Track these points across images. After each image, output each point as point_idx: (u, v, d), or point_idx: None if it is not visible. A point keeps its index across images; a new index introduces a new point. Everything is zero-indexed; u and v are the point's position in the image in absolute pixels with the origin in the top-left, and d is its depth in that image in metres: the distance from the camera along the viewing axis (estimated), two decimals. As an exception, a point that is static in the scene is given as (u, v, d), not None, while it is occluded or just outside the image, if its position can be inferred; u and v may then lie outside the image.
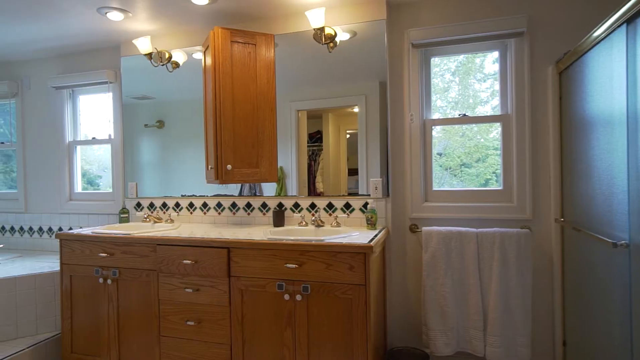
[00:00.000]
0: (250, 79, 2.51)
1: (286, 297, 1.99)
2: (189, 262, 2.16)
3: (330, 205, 2.51)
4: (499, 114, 2.38)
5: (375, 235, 2.09)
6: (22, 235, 3.51)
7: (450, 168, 2.52)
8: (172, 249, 2.21)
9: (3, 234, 3.57)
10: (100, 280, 2.39)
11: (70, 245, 2.46)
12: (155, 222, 2.78)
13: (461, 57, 2.49)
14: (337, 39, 2.47)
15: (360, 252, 1.89)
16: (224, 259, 2.10)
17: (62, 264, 2.49)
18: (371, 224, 2.30)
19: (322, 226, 2.40)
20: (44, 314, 2.69)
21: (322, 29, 2.38)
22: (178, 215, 2.89)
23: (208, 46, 2.51)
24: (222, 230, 2.42)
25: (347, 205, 2.47)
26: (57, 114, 3.34)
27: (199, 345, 2.17)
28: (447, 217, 2.38)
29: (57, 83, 3.21)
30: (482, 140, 2.47)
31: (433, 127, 2.48)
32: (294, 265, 1.97)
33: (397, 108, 2.47)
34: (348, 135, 2.50)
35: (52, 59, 3.35)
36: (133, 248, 2.31)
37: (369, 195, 2.43)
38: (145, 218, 2.81)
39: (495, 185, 2.43)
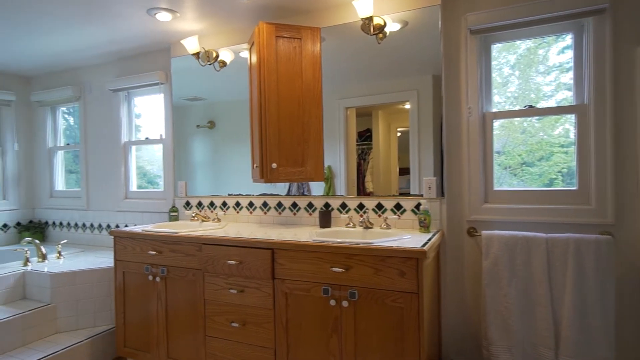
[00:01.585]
0: (295, 74, 2.43)
1: (332, 302, 1.88)
2: (233, 262, 2.11)
3: (379, 206, 2.36)
4: (572, 104, 2.10)
5: (429, 239, 1.92)
6: (84, 232, 3.71)
7: (509, 167, 2.28)
8: (217, 248, 2.18)
9: (68, 230, 3.80)
10: (150, 277, 2.42)
11: (123, 243, 2.53)
12: (202, 221, 2.80)
13: (522, 49, 2.23)
14: (387, 29, 2.32)
15: (412, 258, 1.73)
16: (268, 261, 2.03)
17: (115, 260, 2.57)
18: (424, 226, 2.13)
19: (371, 228, 2.26)
20: (102, 307, 2.80)
21: (370, 19, 2.24)
22: (225, 214, 2.89)
23: (253, 43, 2.46)
24: (267, 230, 2.37)
25: (398, 206, 2.31)
26: (114, 116, 3.48)
27: (243, 347, 2.12)
28: (511, 220, 2.14)
29: (114, 86, 3.34)
30: (545, 137, 2.21)
31: (494, 121, 2.25)
32: (340, 270, 1.85)
33: (453, 101, 2.27)
34: (399, 134, 2.34)
35: (109, 63, 3.50)
36: (180, 247, 2.31)
37: (422, 195, 2.25)
38: (193, 217, 2.83)
39: (562, 185, 2.15)
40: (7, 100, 3.78)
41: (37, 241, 3.14)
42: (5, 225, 3.78)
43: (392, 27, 2.31)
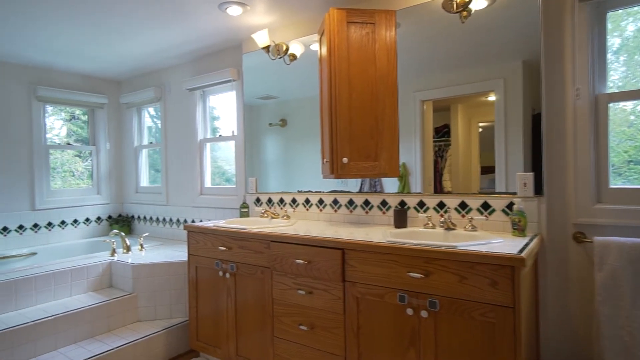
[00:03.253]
0: (368, 62, 2.25)
1: (409, 311, 1.67)
2: (301, 262, 2.00)
3: (463, 205, 2.10)
4: None
5: (526, 244, 1.62)
6: (164, 226, 3.90)
7: (613, 166, 1.88)
8: (285, 246, 2.09)
9: (150, 224, 4.03)
10: (220, 273, 2.41)
11: (195, 237, 2.56)
12: (272, 217, 2.74)
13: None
14: (472, 6, 2.04)
15: (506, 265, 1.46)
16: (338, 262, 1.89)
17: (189, 254, 2.61)
18: (518, 229, 1.83)
19: (453, 229, 2.01)
20: (177, 299, 2.87)
21: (453, -6, 1.99)
22: (294, 211, 2.81)
23: (323, 31, 2.34)
24: (338, 229, 2.22)
25: (486, 206, 2.03)
26: (190, 114, 3.60)
27: (311, 352, 2.00)
28: (632, 224, 1.75)
29: (190, 85, 3.45)
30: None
31: (609, 104, 1.86)
32: (418, 275, 1.64)
33: (555, 84, 1.93)
34: (480, 129, 2.07)
35: (186, 63, 3.63)
36: (248, 243, 2.27)
37: (515, 193, 1.94)
38: (263, 213, 2.79)
39: None
40: (100, 103, 4.11)
41: (123, 233, 3.34)
42: (98, 218, 4.12)
43: (477, 4, 2.03)
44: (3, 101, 3.46)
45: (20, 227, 3.55)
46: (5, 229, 3.45)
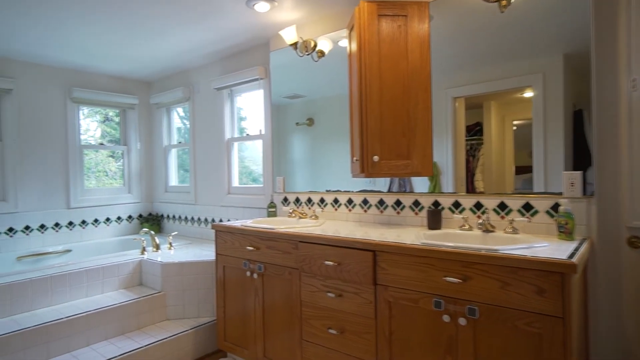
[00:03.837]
0: (400, 56, 2.16)
1: (445, 318, 1.58)
2: (331, 263, 1.94)
3: (502, 206, 1.97)
4: None
5: (576, 249, 1.50)
6: (192, 225, 3.92)
7: None
8: (313, 247, 2.03)
9: (179, 222, 4.07)
10: (248, 273, 2.38)
11: (223, 237, 2.54)
12: (300, 217, 2.69)
13: None
14: (513, -6, 1.92)
15: (555, 272, 1.35)
16: (369, 264, 1.81)
17: (217, 254, 2.59)
18: (566, 232, 1.69)
19: (492, 232, 1.89)
20: (205, 299, 2.87)
21: (493, -19, 1.87)
22: (322, 211, 2.74)
23: (353, 26, 2.26)
24: (368, 230, 2.14)
25: (527, 207, 1.90)
26: (218, 113, 3.60)
27: (341, 357, 1.93)
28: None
29: (218, 84, 3.45)
30: None
31: (669, 96, 1.70)
32: (455, 280, 1.54)
33: (607, 75, 1.77)
34: (514, 127, 1.95)
35: (213, 62, 3.64)
36: (276, 244, 2.22)
37: (561, 194, 1.80)
38: (291, 213, 2.75)
39: None
40: (132, 103, 4.19)
41: (152, 232, 3.38)
42: (129, 217, 4.20)
43: (520, -10, 1.91)
44: (41, 103, 3.57)
45: (56, 224, 3.65)
46: (42, 226, 3.56)
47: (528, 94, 1.93)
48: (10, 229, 3.39)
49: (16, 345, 2.21)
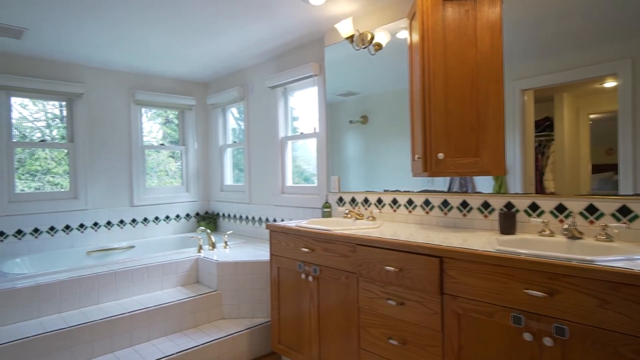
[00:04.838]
0: (468, 43, 1.98)
1: (527, 336, 1.39)
2: (391, 269, 1.80)
3: (591, 209, 1.72)
4: None
5: (696, 263, 1.24)
6: (247, 224, 3.94)
7: None
8: (373, 251, 1.90)
9: (234, 221, 4.11)
10: (303, 276, 2.31)
11: (278, 237, 2.49)
12: (356, 218, 2.57)
13: None
14: (604, -35, 1.67)
15: (671, 290, 1.12)
16: (435, 271, 1.65)
17: (271, 254, 2.55)
18: (677, 241, 1.43)
19: (580, 239, 1.65)
20: (259, 299, 2.85)
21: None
22: (380, 212, 2.61)
23: (414, 14, 2.11)
24: (429, 233, 1.98)
25: (624, 211, 1.64)
26: (272, 112, 3.58)
27: (403, 371, 1.79)
28: None
29: (272, 82, 3.42)
30: None
31: None
32: (539, 294, 1.35)
33: None
34: (591, 122, 1.71)
35: (267, 61, 3.62)
36: (333, 246, 2.12)
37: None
38: (347, 214, 2.64)
39: None
40: (189, 104, 4.31)
41: (208, 230, 3.43)
42: (187, 215, 4.32)
43: (613, -40, 1.65)
44: (107, 106, 3.76)
45: (121, 221, 3.83)
46: (109, 223, 3.75)
47: (609, 83, 1.68)
48: (82, 225, 3.61)
49: (84, 338, 2.31)
